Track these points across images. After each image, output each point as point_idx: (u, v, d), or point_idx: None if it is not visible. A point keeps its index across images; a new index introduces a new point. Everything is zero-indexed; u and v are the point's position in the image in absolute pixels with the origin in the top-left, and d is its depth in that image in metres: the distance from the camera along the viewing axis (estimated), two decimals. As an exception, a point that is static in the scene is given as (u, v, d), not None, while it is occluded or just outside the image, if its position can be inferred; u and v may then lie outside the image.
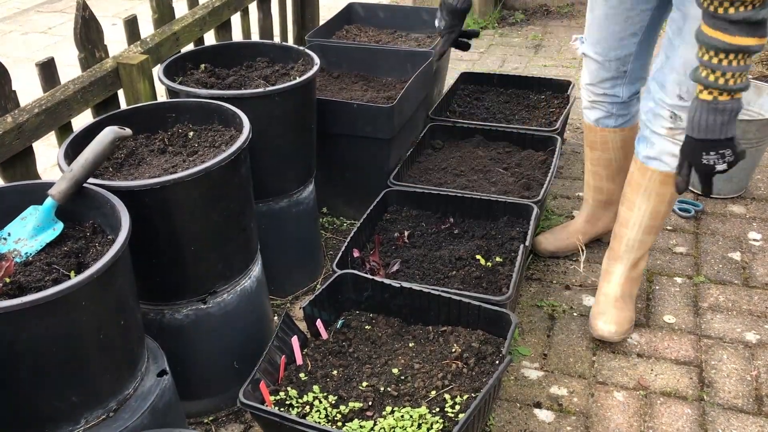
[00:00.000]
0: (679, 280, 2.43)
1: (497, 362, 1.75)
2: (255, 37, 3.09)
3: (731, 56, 1.55)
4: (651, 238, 2.16)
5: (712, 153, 1.64)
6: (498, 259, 2.15)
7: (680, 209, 2.77)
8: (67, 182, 1.44)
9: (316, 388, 1.70)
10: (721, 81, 1.58)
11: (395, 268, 2.11)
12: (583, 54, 2.28)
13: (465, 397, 1.65)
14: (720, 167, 1.67)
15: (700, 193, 1.92)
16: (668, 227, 2.70)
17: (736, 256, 2.54)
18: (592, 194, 2.48)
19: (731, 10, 1.50)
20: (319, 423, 1.59)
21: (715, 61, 1.57)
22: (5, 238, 1.44)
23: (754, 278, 2.43)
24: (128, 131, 1.53)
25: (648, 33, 2.13)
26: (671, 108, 1.92)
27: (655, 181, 2.04)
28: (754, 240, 2.62)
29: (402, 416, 1.61)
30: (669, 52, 1.89)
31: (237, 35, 2.88)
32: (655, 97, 1.95)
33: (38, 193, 1.53)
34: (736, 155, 1.66)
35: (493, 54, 4.46)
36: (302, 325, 1.90)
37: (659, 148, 1.99)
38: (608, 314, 2.16)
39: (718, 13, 1.52)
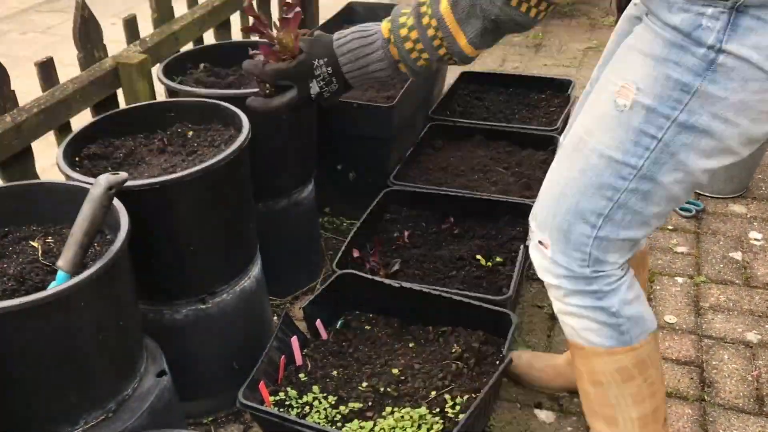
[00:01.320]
0: (680, 279, 2.43)
1: (498, 362, 1.75)
2: (255, 37, 3.08)
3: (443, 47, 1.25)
4: (601, 426, 1.53)
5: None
6: (498, 259, 2.15)
7: (681, 209, 2.76)
8: (72, 249, 1.30)
9: (315, 388, 1.70)
10: (408, 46, 1.30)
11: (395, 268, 2.11)
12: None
13: (465, 397, 1.65)
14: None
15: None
16: (669, 227, 2.70)
17: (737, 255, 2.53)
18: None
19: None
20: (319, 423, 1.59)
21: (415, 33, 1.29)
22: None
23: (755, 278, 2.42)
24: (123, 175, 1.33)
25: None
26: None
27: (571, 347, 1.52)
28: (755, 240, 2.61)
29: (402, 417, 1.61)
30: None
31: (236, 35, 2.88)
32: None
33: (37, 192, 1.53)
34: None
35: (493, 53, 4.46)
36: (302, 326, 1.90)
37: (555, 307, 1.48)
38: None
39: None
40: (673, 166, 1.22)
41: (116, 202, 1.44)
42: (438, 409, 1.63)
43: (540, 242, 1.37)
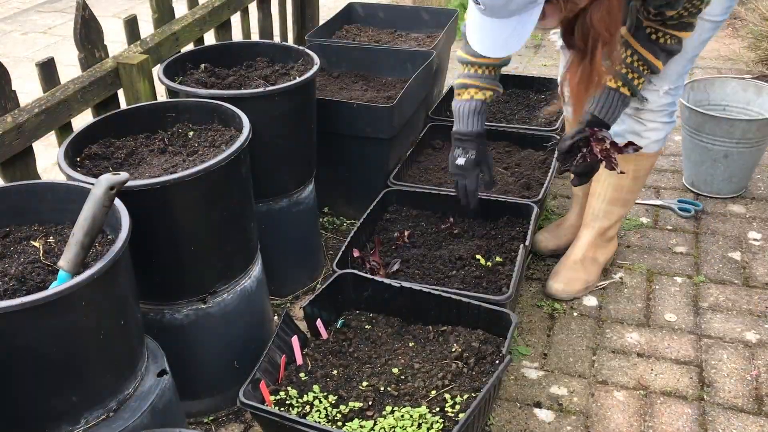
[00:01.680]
0: (679, 279, 2.43)
1: (497, 362, 1.75)
2: (255, 37, 3.09)
3: (646, 69, 1.91)
4: (617, 209, 2.30)
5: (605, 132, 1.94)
6: (498, 258, 2.15)
7: (680, 209, 2.77)
8: (74, 249, 1.31)
9: (316, 387, 1.70)
10: (636, 83, 1.92)
11: (395, 267, 2.11)
12: (562, 47, 2.27)
13: (465, 396, 1.65)
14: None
15: (563, 169, 2.03)
16: (668, 227, 2.70)
17: (736, 255, 2.54)
18: (582, 187, 2.48)
19: (669, 41, 1.84)
20: (320, 423, 1.59)
21: (636, 65, 1.90)
22: None
23: (754, 278, 2.43)
24: (124, 176, 1.34)
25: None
26: (642, 92, 2.07)
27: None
28: (754, 240, 2.62)
29: (402, 416, 1.61)
30: None
31: (237, 35, 2.88)
32: None
33: (38, 192, 1.53)
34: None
35: (493, 54, 4.46)
36: (302, 325, 1.90)
37: (625, 127, 2.17)
38: (561, 274, 2.37)
39: (655, 40, 1.85)
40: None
41: (117, 202, 1.45)
42: (438, 408, 1.63)
43: (657, 90, 2.07)
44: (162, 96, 2.24)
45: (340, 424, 1.61)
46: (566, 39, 1.67)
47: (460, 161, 2.13)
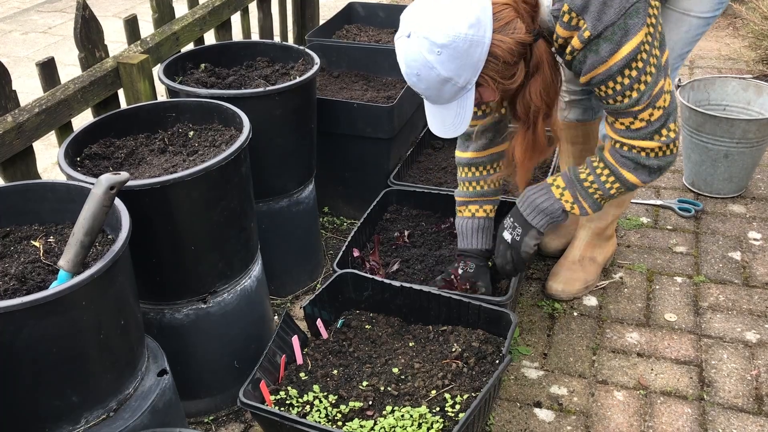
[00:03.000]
0: (679, 279, 2.43)
1: (497, 362, 1.75)
2: (255, 36, 3.09)
3: (617, 185, 1.80)
4: (612, 210, 2.29)
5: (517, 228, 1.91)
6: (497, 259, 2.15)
7: (680, 209, 2.77)
8: (74, 249, 1.31)
9: (316, 387, 1.70)
10: (592, 191, 1.82)
11: (395, 267, 2.11)
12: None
13: (465, 396, 1.66)
14: (507, 236, 1.93)
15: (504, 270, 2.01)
16: (668, 227, 2.70)
17: (736, 255, 2.54)
18: None
19: (645, 154, 1.73)
20: (320, 422, 1.59)
21: (603, 179, 1.80)
22: None
23: (754, 278, 2.43)
24: (124, 175, 1.34)
25: None
26: None
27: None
28: (754, 239, 2.62)
29: (402, 416, 1.61)
30: None
31: (237, 35, 2.88)
32: None
33: (38, 192, 1.54)
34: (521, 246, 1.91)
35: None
36: (302, 325, 1.90)
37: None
38: (560, 274, 2.37)
39: (633, 155, 1.73)
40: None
41: (117, 201, 1.45)
42: (438, 408, 1.63)
43: None
44: (162, 96, 2.24)
45: (340, 423, 1.61)
46: (511, 111, 1.74)
47: (459, 270, 2.04)
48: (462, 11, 1.49)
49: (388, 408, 1.64)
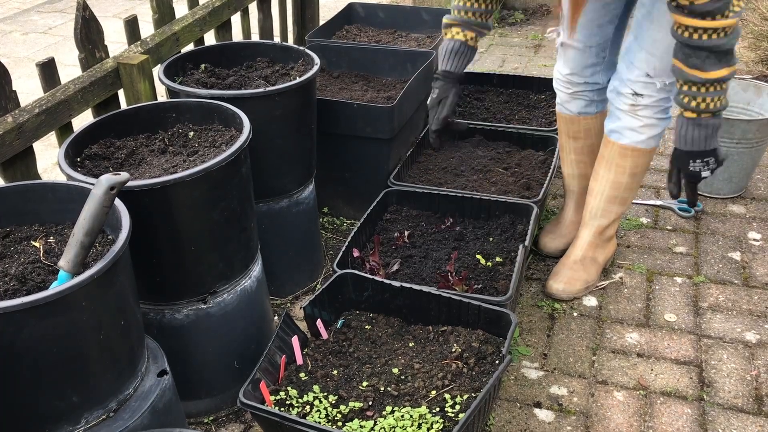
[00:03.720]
0: (679, 279, 2.44)
1: (497, 362, 1.75)
2: (255, 37, 3.09)
3: (709, 87, 1.78)
4: (615, 207, 2.30)
5: (698, 161, 1.89)
6: (498, 259, 2.15)
7: (680, 209, 2.77)
8: (74, 249, 1.30)
9: (316, 387, 1.71)
10: (702, 106, 1.81)
11: (395, 268, 2.11)
12: (562, 43, 2.31)
13: (465, 396, 1.66)
14: (705, 174, 1.91)
15: (687, 203, 2.04)
16: (668, 227, 2.70)
17: (736, 255, 2.54)
18: (578, 182, 2.51)
19: (704, 37, 1.71)
20: (320, 423, 1.59)
21: (694, 89, 1.79)
22: None
23: (753, 278, 2.43)
24: (124, 176, 1.33)
25: (622, 19, 2.24)
26: (633, 85, 2.08)
27: (615, 153, 2.21)
28: (754, 240, 2.62)
29: (402, 416, 1.61)
30: (637, 33, 2.04)
31: (237, 35, 2.88)
32: (621, 76, 2.12)
33: (38, 192, 1.54)
34: (719, 162, 1.91)
35: (492, 54, 4.47)
36: (302, 325, 1.90)
37: (621, 123, 2.16)
38: (561, 274, 2.37)
39: (693, 39, 1.72)
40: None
41: (117, 202, 1.45)
42: (438, 409, 1.64)
43: (653, 83, 2.06)
44: (162, 96, 2.24)
45: (340, 424, 1.61)
46: None
47: (431, 96, 2.18)
48: None
49: (388, 408, 1.64)
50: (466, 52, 2.13)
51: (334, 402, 1.67)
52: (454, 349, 1.79)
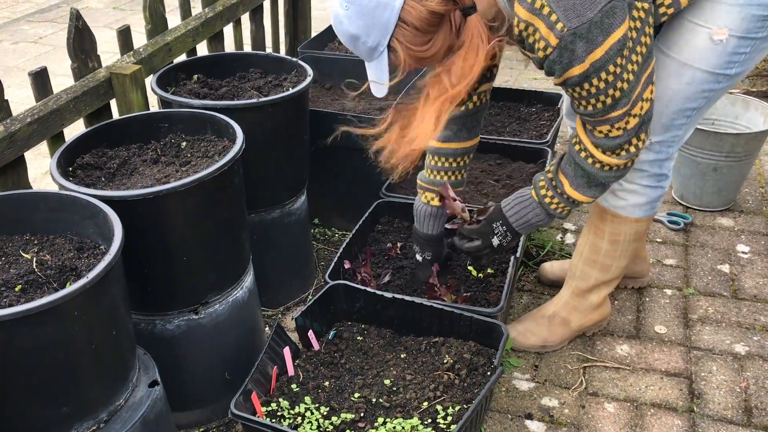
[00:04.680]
0: (668, 291, 2.45)
1: (489, 373, 1.75)
2: (247, 48, 3.10)
3: (568, 199, 1.77)
4: (595, 273, 2.08)
5: (503, 228, 1.87)
6: (489, 270, 2.16)
7: (670, 221, 2.79)
8: None
9: (307, 399, 1.70)
10: (553, 207, 1.80)
11: (386, 279, 2.11)
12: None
13: (457, 408, 1.66)
14: (495, 241, 1.89)
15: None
16: (658, 239, 2.72)
17: (725, 268, 2.56)
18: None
19: (589, 161, 1.69)
20: (311, 434, 1.59)
21: (557, 191, 1.78)
22: None
23: (742, 290, 2.44)
24: None
25: None
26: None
27: (594, 213, 2.04)
28: (743, 252, 2.64)
29: (394, 427, 1.61)
30: None
31: (229, 46, 2.89)
32: None
33: (30, 202, 1.53)
34: (513, 248, 2.02)
35: (483, 67, 4.49)
36: (294, 336, 1.90)
37: None
38: (523, 322, 2.21)
39: (587, 163, 1.69)
40: (748, 67, 1.76)
41: (110, 211, 1.45)
42: (430, 420, 1.63)
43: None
44: (155, 106, 2.24)
45: (331, 435, 1.61)
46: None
47: (417, 257, 2.14)
48: None
49: (380, 419, 1.64)
50: (442, 214, 2.08)
51: (325, 413, 1.66)
52: (445, 361, 1.79)
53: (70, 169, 1.73)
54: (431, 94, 1.62)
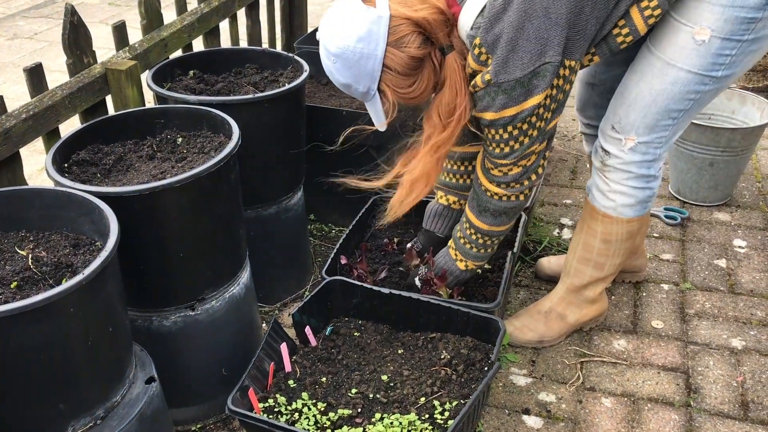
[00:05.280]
0: (665, 286, 2.45)
1: (486, 369, 1.75)
2: (243, 44, 3.09)
3: (472, 230, 1.91)
4: (589, 270, 2.09)
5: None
6: (486, 266, 2.16)
7: (666, 216, 2.79)
8: None
9: (305, 395, 1.70)
10: (463, 242, 1.95)
11: (383, 275, 2.11)
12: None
13: (454, 403, 1.66)
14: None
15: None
16: (655, 234, 2.72)
17: (722, 263, 2.56)
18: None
19: (490, 195, 1.82)
20: (308, 430, 1.59)
21: (466, 227, 1.93)
22: None
23: (739, 285, 2.45)
24: None
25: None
26: (602, 138, 1.89)
27: (587, 212, 2.03)
28: (739, 247, 2.64)
29: (391, 423, 1.61)
30: (621, 85, 1.85)
31: (225, 42, 2.88)
32: (600, 128, 1.92)
33: (25, 198, 1.53)
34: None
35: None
36: (291, 332, 1.90)
37: (593, 181, 1.98)
38: (520, 317, 2.22)
39: (482, 193, 1.83)
40: (739, 70, 1.71)
41: (106, 207, 1.44)
42: (427, 415, 1.63)
43: (619, 140, 1.84)
44: (150, 102, 2.23)
45: (329, 431, 1.61)
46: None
47: (409, 245, 2.21)
48: (355, 24, 1.56)
49: (377, 415, 1.64)
50: (449, 215, 2.15)
51: (323, 409, 1.66)
52: (443, 356, 1.79)
53: (66, 165, 1.73)
54: (427, 134, 1.75)
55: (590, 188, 1.99)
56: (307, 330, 1.87)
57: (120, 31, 2.24)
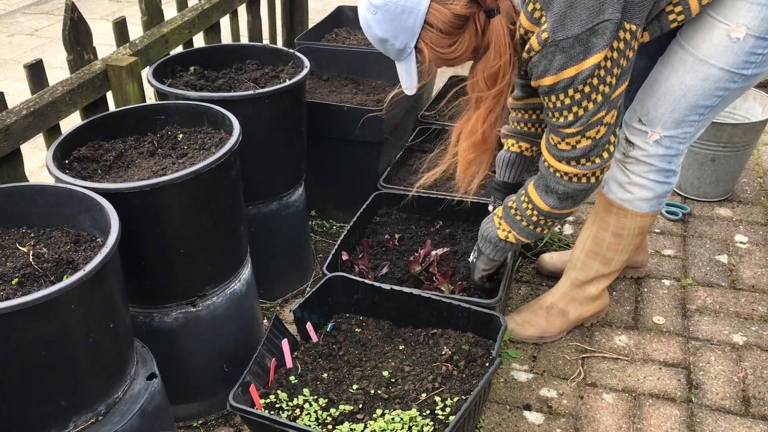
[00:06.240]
0: (667, 282, 2.45)
1: (487, 365, 1.75)
2: (244, 39, 3.08)
3: (531, 210, 1.80)
4: (596, 265, 2.08)
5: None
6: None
7: (668, 212, 2.79)
8: None
9: (306, 390, 1.70)
10: (519, 218, 1.84)
11: (384, 271, 2.11)
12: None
13: (455, 399, 1.66)
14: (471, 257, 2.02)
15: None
16: (656, 230, 2.72)
17: (723, 258, 2.56)
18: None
19: (560, 176, 1.71)
20: (310, 426, 1.59)
21: (524, 205, 1.82)
22: None
23: (740, 280, 2.45)
24: None
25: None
26: (626, 129, 1.89)
27: (600, 205, 2.02)
28: (741, 243, 2.64)
29: (392, 418, 1.61)
30: (650, 78, 1.85)
31: (226, 38, 2.87)
32: (624, 120, 1.91)
33: (26, 195, 1.52)
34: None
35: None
36: (292, 328, 1.90)
37: (611, 173, 1.97)
38: (521, 313, 2.21)
39: (549, 174, 1.73)
40: (766, 69, 1.72)
41: (107, 204, 1.44)
42: (428, 411, 1.64)
43: (645, 132, 1.83)
44: (151, 98, 2.23)
45: (330, 427, 1.61)
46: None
47: (489, 207, 2.17)
48: None
49: (379, 411, 1.64)
50: (522, 163, 2.10)
51: (324, 405, 1.66)
52: (444, 352, 1.79)
53: (67, 161, 1.73)
54: (474, 98, 1.68)
55: (607, 180, 1.98)
56: (308, 326, 1.87)
57: (120, 28, 2.24)
